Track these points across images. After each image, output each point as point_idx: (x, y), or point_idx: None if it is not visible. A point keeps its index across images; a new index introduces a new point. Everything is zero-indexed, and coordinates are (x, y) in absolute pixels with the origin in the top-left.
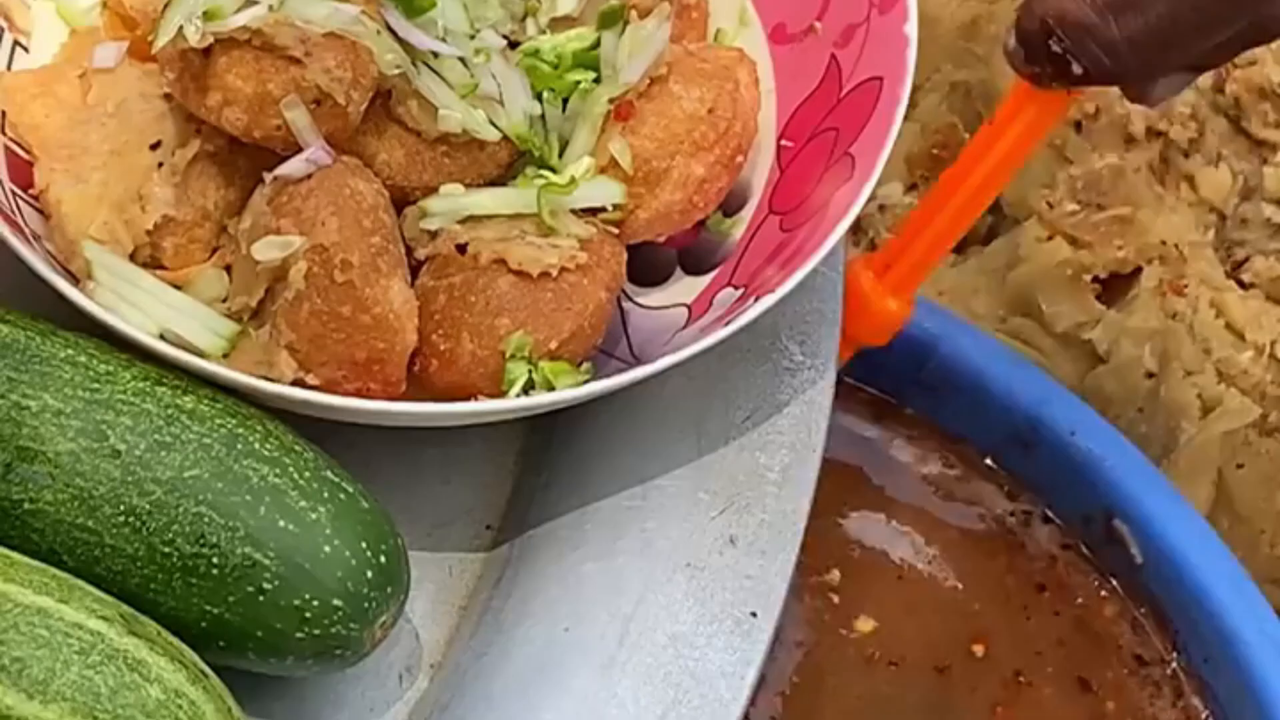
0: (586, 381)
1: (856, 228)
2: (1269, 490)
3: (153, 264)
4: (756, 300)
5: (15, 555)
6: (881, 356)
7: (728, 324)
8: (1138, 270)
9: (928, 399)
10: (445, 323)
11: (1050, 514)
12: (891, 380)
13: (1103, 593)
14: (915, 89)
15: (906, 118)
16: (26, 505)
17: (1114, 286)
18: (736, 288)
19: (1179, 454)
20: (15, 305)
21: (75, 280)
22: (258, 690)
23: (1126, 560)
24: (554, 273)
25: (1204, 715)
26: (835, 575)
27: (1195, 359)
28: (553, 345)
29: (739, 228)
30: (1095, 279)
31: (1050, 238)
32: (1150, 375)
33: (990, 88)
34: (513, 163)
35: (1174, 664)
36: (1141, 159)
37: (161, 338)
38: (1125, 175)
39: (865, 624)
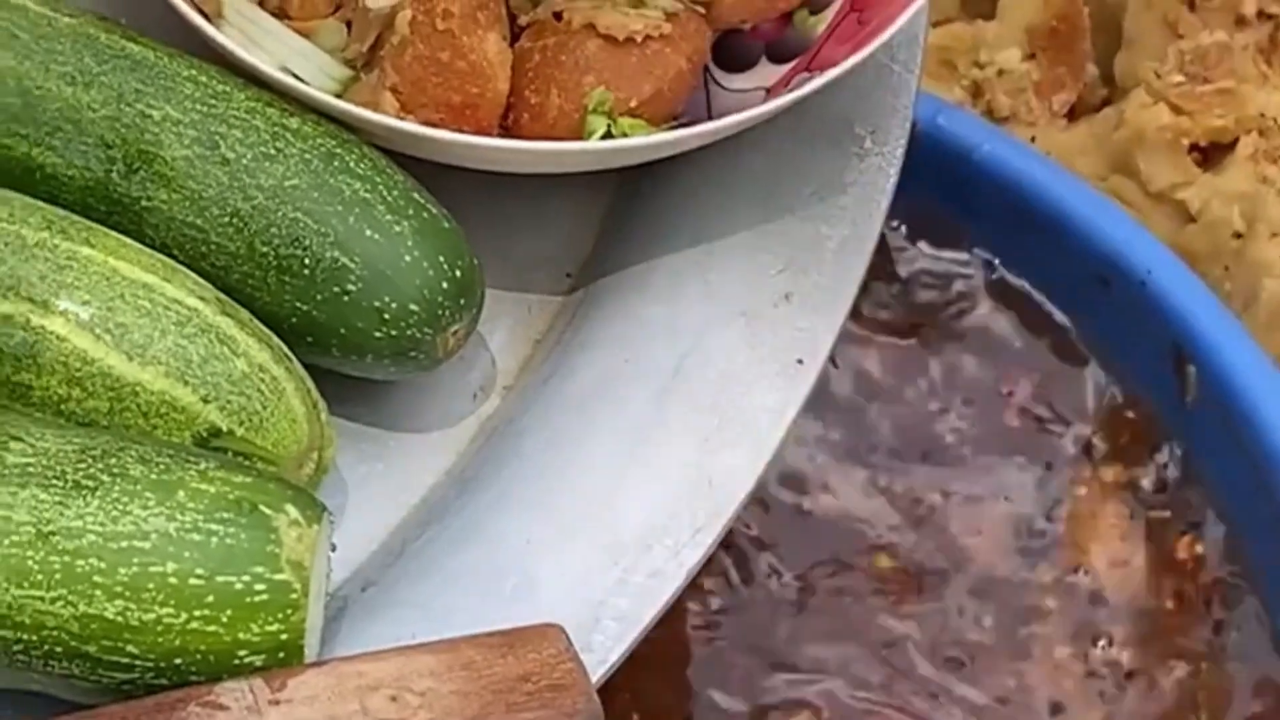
0: None
1: (976, 91)
2: None
3: (280, 14)
4: (824, 74)
5: (129, 240)
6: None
7: (794, 93)
8: (1235, 141)
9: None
10: (537, 80)
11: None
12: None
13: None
14: None
15: None
16: (144, 203)
17: (1211, 155)
18: (812, 72)
19: (1259, 308)
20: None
21: (208, 19)
22: (344, 394)
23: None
24: (639, 38)
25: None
26: None
27: None
28: (633, 104)
29: (822, 24)
30: (1194, 147)
31: (1154, 104)
32: (1238, 235)
33: None
34: None
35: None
36: (1250, 38)
37: None
38: (1232, 52)
39: None
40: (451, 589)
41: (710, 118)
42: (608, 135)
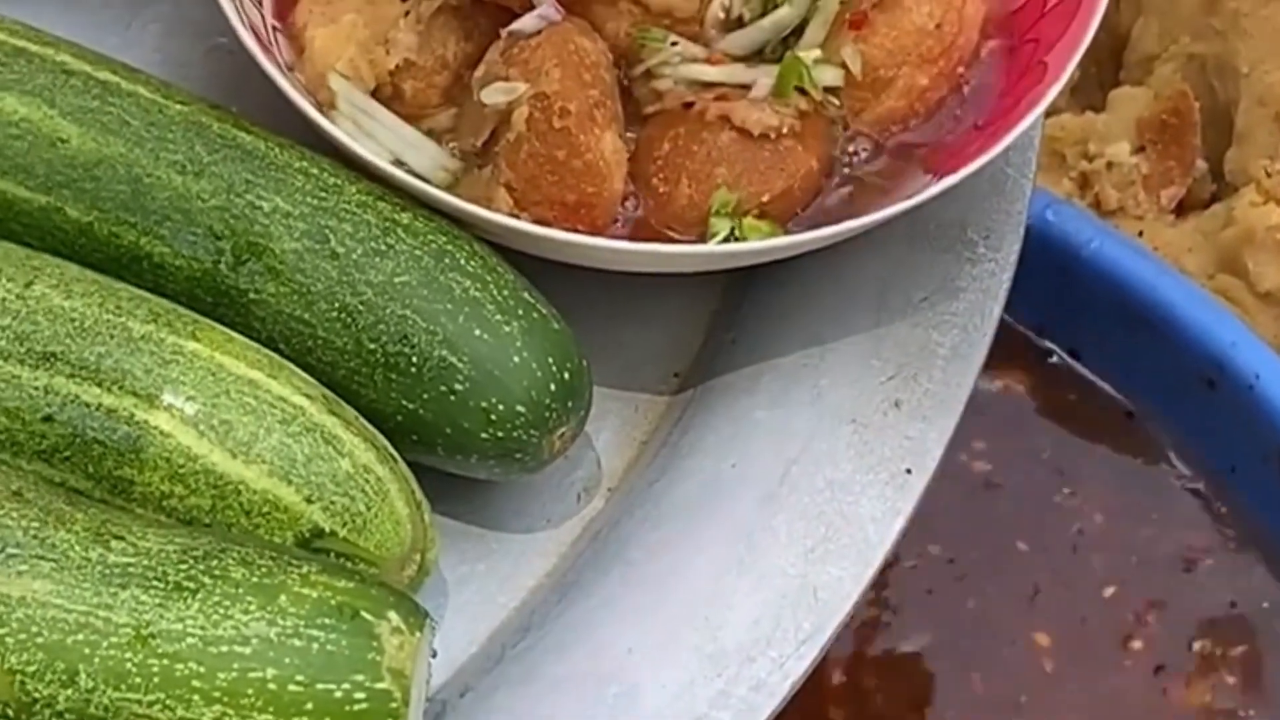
0: None
1: (1084, 183)
2: None
3: (392, 104)
4: (940, 180)
5: (235, 334)
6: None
7: (911, 200)
8: None
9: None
10: (667, 168)
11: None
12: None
13: None
14: (1152, 59)
15: (1141, 83)
16: (252, 295)
17: None
18: (928, 174)
19: None
20: (264, 126)
21: (320, 108)
22: (448, 492)
23: None
24: (772, 134)
25: None
26: None
27: None
28: (764, 199)
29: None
30: None
31: (1265, 203)
32: None
33: (1225, 62)
34: None
35: None
36: None
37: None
38: None
39: None
40: (552, 697)
41: None
42: (729, 238)
